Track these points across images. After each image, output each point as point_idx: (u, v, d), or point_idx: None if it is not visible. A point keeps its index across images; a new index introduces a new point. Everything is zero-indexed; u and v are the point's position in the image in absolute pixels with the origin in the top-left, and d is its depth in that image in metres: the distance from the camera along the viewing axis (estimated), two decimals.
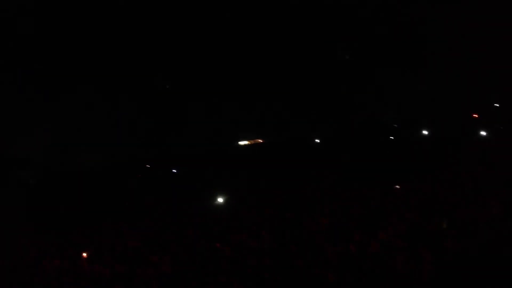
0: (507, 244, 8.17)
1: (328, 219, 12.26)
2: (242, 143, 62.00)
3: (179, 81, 51.14)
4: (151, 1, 42.40)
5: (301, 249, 9.67)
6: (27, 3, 38.03)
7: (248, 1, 44.15)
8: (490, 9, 33.36)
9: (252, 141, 62.82)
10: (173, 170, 45.24)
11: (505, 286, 6.89)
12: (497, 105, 36.11)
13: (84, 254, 12.51)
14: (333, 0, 43.43)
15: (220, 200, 21.87)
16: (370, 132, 43.51)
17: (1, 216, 28.70)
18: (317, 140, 50.35)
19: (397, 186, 15.80)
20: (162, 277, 9.83)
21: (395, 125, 45.59)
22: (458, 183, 14.21)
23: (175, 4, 43.34)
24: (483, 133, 25.64)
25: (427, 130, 35.36)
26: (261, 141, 61.01)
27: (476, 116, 35.65)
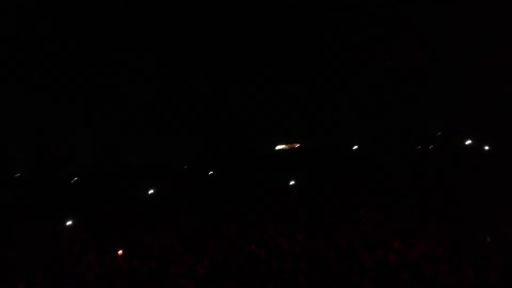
0: None
1: (367, 226, 12.09)
2: (279, 147, 62.08)
3: (219, 84, 51.72)
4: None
5: (338, 255, 9.57)
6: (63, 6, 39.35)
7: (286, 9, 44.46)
8: None
9: (290, 145, 62.77)
10: (210, 172, 45.67)
11: None
12: None
13: (120, 252, 12.74)
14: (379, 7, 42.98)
15: (257, 202, 21.89)
16: (410, 140, 42.68)
17: (44, 212, 29.75)
18: (356, 147, 49.79)
19: (438, 196, 15.43)
20: (196, 277, 9.92)
21: (438, 133, 44.53)
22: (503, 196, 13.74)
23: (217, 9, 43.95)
24: None
25: (472, 139, 34.35)
26: (299, 145, 60.88)
27: None
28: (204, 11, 42.14)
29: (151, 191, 33.35)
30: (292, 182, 28.47)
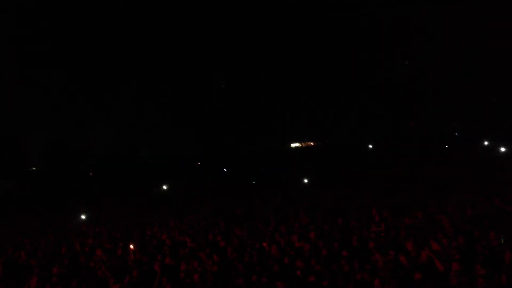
0: None
1: (379, 226, 12.00)
2: (294, 145, 62.02)
3: (237, 83, 51.89)
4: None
5: (349, 254, 9.51)
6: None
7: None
8: None
9: (305, 144, 62.68)
10: (224, 169, 45.86)
11: None
12: None
13: (131, 246, 12.83)
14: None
15: (269, 200, 21.91)
16: (426, 139, 42.37)
17: (58, 204, 30.14)
18: (370, 146, 49.54)
19: (453, 196, 15.29)
20: (208, 273, 9.93)
21: (456, 134, 44.19)
22: None
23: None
24: None
25: (487, 140, 33.99)
26: (313, 143, 60.75)
27: None
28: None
29: (165, 186, 33.62)
30: (305, 180, 28.45)
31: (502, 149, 27.40)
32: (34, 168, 49.33)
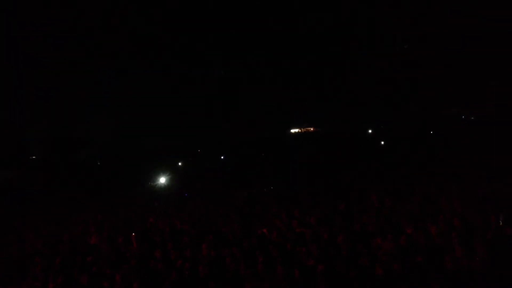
0: None
1: (378, 211, 12.04)
2: (294, 130, 61.96)
3: (238, 72, 51.66)
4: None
5: (349, 239, 9.54)
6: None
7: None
8: None
9: (304, 129, 62.62)
10: (221, 157, 45.88)
11: None
12: None
13: (133, 233, 12.87)
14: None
15: (269, 186, 21.97)
16: (425, 125, 42.36)
17: (58, 193, 30.17)
18: (370, 131, 49.53)
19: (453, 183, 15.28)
20: (208, 259, 9.97)
21: (463, 116, 44.08)
22: None
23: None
24: None
25: (493, 124, 33.93)
26: (313, 129, 60.67)
27: None
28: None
29: (165, 176, 33.67)
30: (304, 165, 28.51)
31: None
32: (34, 157, 49.28)
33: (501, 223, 9.07)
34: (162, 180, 32.91)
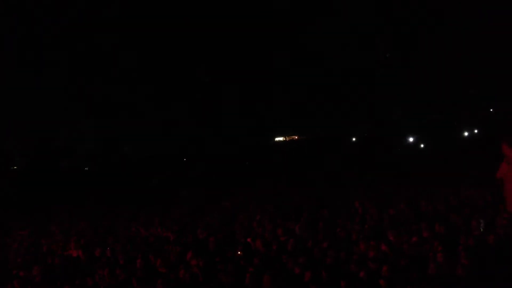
0: None
1: (363, 217, 12.10)
2: (278, 139, 62.09)
3: (219, 77, 51.65)
4: None
5: (333, 246, 9.56)
6: None
7: None
8: None
9: (289, 137, 62.81)
10: (207, 165, 45.82)
11: None
12: None
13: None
14: None
15: (253, 194, 21.93)
16: (409, 131, 42.78)
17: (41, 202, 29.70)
18: (354, 139, 49.85)
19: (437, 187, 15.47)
20: (192, 269, 9.88)
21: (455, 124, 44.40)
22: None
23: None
24: None
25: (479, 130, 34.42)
26: (297, 137, 60.88)
27: None
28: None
29: (150, 181, 33.48)
30: (289, 174, 28.58)
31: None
32: (15, 167, 48.50)
33: (481, 230, 9.20)
34: (147, 186, 32.73)
